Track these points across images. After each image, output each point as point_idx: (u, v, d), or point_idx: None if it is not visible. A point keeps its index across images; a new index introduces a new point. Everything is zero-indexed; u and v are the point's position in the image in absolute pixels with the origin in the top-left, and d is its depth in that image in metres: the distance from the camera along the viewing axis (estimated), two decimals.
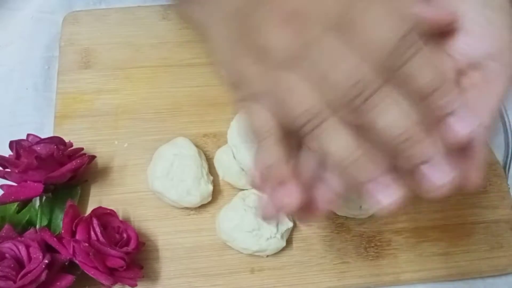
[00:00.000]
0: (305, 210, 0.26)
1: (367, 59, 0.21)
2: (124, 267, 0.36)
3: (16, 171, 0.39)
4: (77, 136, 0.45)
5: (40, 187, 0.39)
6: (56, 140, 0.41)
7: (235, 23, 0.25)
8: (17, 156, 0.40)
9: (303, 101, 0.22)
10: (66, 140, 0.44)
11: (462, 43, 0.26)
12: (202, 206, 0.43)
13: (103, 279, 0.35)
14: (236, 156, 0.42)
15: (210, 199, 0.43)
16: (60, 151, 0.40)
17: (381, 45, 0.21)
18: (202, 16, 0.29)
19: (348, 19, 0.21)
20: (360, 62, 0.21)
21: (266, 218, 0.27)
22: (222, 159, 0.43)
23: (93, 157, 0.44)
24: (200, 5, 0.29)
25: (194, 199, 0.41)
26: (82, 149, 0.43)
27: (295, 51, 0.22)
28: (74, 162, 0.40)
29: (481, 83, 0.25)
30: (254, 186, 0.28)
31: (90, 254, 0.35)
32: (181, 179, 0.41)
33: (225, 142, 0.43)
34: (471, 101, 0.25)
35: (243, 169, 0.42)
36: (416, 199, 0.43)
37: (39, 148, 0.40)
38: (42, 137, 0.42)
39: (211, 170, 0.44)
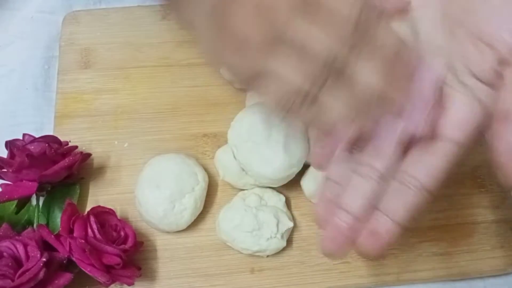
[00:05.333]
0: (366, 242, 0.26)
1: (333, 32, 0.23)
2: (121, 265, 0.36)
3: (11, 170, 0.39)
4: (77, 136, 0.45)
5: (34, 185, 0.39)
6: (49, 139, 0.41)
7: (213, 19, 0.26)
8: (12, 155, 0.40)
9: (291, 80, 0.24)
10: (67, 140, 0.44)
11: (503, 32, 0.24)
12: (203, 206, 0.43)
13: (100, 276, 0.35)
14: (236, 156, 0.42)
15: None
16: (53, 149, 0.40)
17: (344, 19, 0.23)
18: (188, 14, 0.30)
19: (310, 2, 0.24)
20: (327, 35, 0.23)
21: (331, 255, 0.28)
22: (222, 159, 0.43)
23: (88, 154, 0.44)
24: (185, 4, 0.30)
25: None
26: (77, 147, 0.43)
27: (270, 37, 0.24)
28: (66, 160, 0.40)
29: None
30: (318, 220, 0.28)
31: (86, 250, 0.35)
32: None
33: (225, 142, 0.43)
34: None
35: (243, 169, 0.42)
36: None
37: (32, 147, 0.40)
38: None
39: (211, 170, 0.44)
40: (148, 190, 0.41)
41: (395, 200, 0.25)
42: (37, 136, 0.41)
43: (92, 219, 0.37)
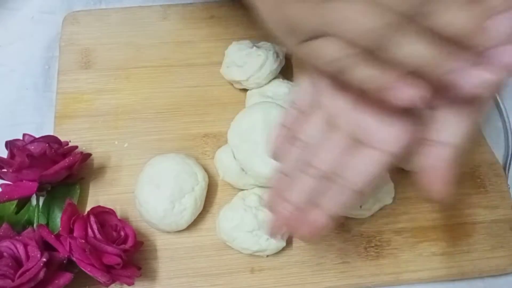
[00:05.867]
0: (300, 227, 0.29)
1: None
2: (121, 265, 0.36)
3: (11, 170, 0.39)
4: (77, 136, 0.45)
5: (34, 186, 0.39)
6: (49, 139, 0.41)
7: None
8: (12, 155, 0.40)
9: (367, 20, 0.22)
10: (67, 140, 0.44)
11: None
12: (203, 206, 0.43)
13: (100, 276, 0.35)
14: (236, 156, 0.42)
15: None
16: (53, 150, 0.40)
17: None
18: None
19: None
20: None
21: (273, 234, 0.31)
22: (222, 159, 0.43)
23: (88, 154, 0.44)
24: None
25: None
26: (77, 147, 0.43)
27: None
28: (67, 160, 0.40)
29: None
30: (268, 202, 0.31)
31: (86, 250, 0.35)
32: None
33: (225, 142, 0.43)
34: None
35: (243, 169, 0.42)
36: (416, 199, 0.43)
37: (32, 147, 0.40)
38: None
39: (211, 170, 0.44)
40: (148, 190, 0.41)
41: (329, 197, 0.28)
42: (37, 136, 0.41)
43: (92, 219, 0.37)
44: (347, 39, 0.23)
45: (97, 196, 0.43)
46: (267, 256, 0.41)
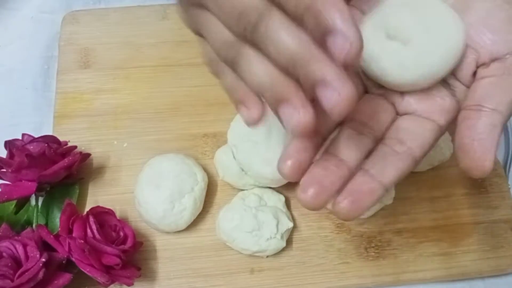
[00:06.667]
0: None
1: None
2: (120, 265, 0.36)
3: (10, 170, 0.39)
4: (76, 136, 0.45)
5: (33, 186, 0.39)
6: (48, 139, 0.41)
7: None
8: (11, 155, 0.40)
9: (218, 34, 0.24)
10: (66, 140, 0.44)
11: (486, 39, 0.27)
12: (202, 206, 0.43)
13: (99, 276, 0.35)
14: (236, 156, 0.42)
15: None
16: (52, 150, 0.40)
17: None
18: None
19: None
20: None
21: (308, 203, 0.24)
22: (222, 159, 0.43)
23: (88, 154, 0.44)
24: None
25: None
26: (76, 147, 0.43)
27: None
28: (66, 160, 0.40)
29: (501, 75, 0.26)
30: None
31: (86, 251, 0.35)
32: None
33: (225, 142, 0.43)
34: (490, 91, 0.25)
35: (243, 169, 0.41)
36: (416, 199, 0.43)
37: (32, 147, 0.40)
38: None
39: (211, 170, 0.44)
40: (148, 190, 0.41)
41: (384, 162, 0.25)
42: (36, 136, 0.41)
43: (91, 219, 0.37)
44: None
45: (96, 196, 0.43)
46: (267, 256, 0.41)
